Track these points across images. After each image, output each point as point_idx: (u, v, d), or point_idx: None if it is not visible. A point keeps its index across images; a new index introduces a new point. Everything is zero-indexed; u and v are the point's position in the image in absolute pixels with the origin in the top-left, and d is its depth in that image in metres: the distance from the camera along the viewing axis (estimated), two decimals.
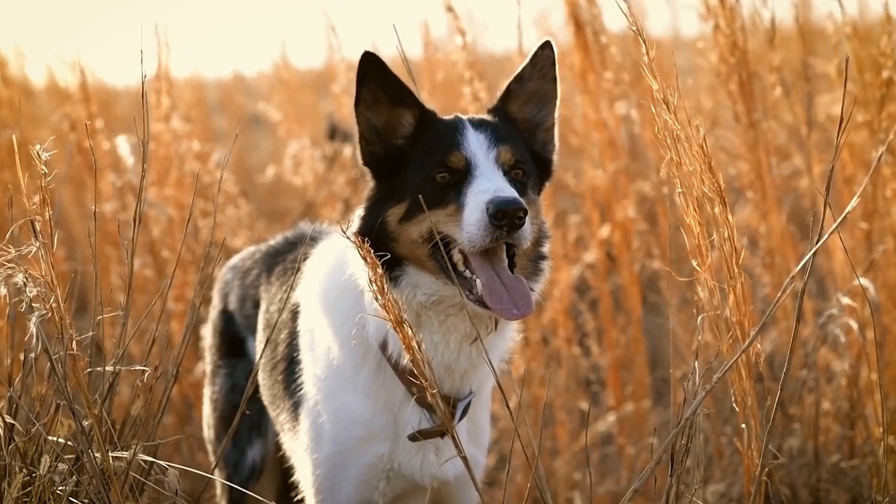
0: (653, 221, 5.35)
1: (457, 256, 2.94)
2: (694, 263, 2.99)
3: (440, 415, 2.85)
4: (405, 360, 2.88)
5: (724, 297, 3.02)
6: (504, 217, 2.79)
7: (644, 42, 2.88)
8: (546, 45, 3.18)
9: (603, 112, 5.03)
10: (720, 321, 3.03)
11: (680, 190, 2.96)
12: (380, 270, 2.74)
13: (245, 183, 8.68)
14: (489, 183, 2.89)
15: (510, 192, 2.85)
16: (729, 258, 2.97)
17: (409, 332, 2.75)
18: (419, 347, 2.77)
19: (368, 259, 2.73)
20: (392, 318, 2.74)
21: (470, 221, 2.83)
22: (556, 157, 3.28)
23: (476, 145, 2.99)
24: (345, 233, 2.77)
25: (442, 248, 2.88)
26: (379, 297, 2.74)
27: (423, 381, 2.77)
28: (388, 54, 3.28)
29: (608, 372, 5.22)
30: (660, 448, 2.88)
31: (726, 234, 2.95)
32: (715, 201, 2.95)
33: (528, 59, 3.21)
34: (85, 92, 5.46)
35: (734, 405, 3.07)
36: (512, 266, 2.97)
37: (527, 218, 2.84)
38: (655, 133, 2.95)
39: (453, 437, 2.85)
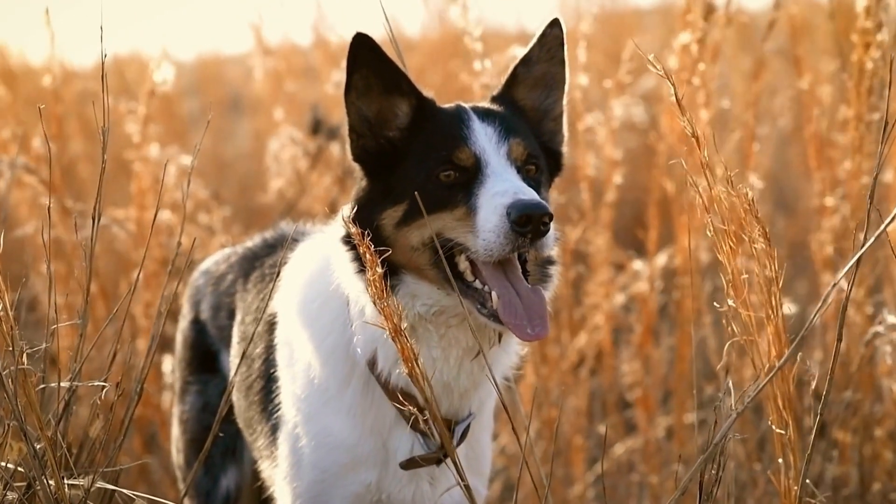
0: None
1: (463, 265, 2.94)
2: (729, 302, 2.97)
3: (441, 439, 2.85)
4: (401, 373, 2.85)
5: (760, 325, 3.00)
6: (528, 223, 2.78)
7: (674, 86, 2.87)
8: (554, 24, 3.19)
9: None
10: (755, 351, 3.03)
11: (710, 233, 2.94)
12: (380, 270, 2.72)
13: (219, 179, 8.67)
14: (506, 183, 2.88)
15: (531, 193, 2.84)
16: (768, 293, 2.94)
17: (408, 343, 2.75)
18: (416, 361, 2.77)
19: (368, 256, 2.71)
20: (390, 326, 2.73)
21: (486, 227, 2.82)
22: (566, 149, 3.30)
23: (485, 139, 2.99)
24: (346, 221, 2.74)
25: (428, 255, 2.88)
26: (377, 301, 2.72)
27: (422, 399, 2.77)
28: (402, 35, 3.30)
29: (640, 390, 5.22)
30: (685, 477, 2.88)
31: (768, 271, 2.92)
32: (757, 240, 2.91)
33: (535, 40, 3.21)
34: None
35: (771, 425, 3.07)
36: (525, 275, 2.98)
37: (551, 223, 2.84)
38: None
39: (455, 464, 2.85)
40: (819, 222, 4.91)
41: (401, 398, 2.96)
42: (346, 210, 3.13)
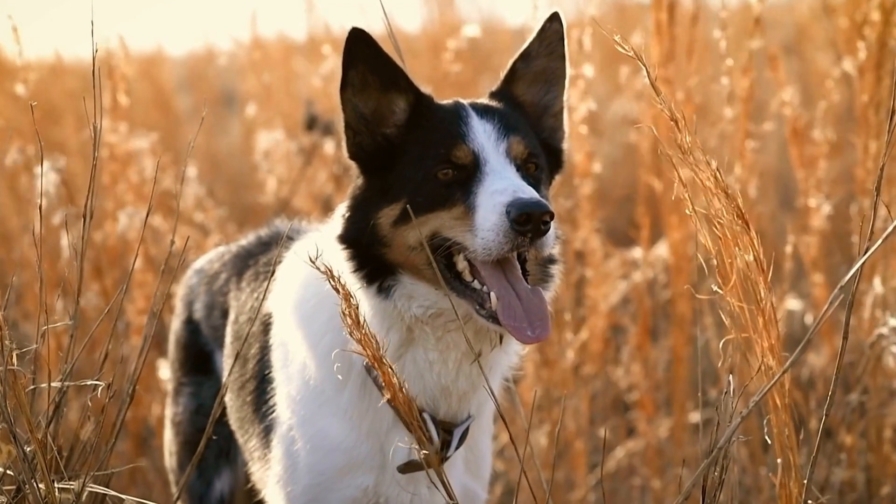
0: None
1: (462, 265, 2.95)
2: (714, 287, 2.96)
3: (430, 456, 2.85)
4: (399, 374, 2.87)
5: (751, 318, 2.98)
6: (528, 222, 2.78)
7: (645, 65, 2.87)
8: (554, 18, 3.19)
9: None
10: (748, 346, 3.02)
11: (690, 211, 2.91)
12: (354, 302, 2.73)
13: (212, 175, 8.66)
14: (505, 181, 2.88)
15: (531, 192, 2.85)
16: (754, 283, 2.91)
17: (390, 370, 2.76)
18: (401, 387, 2.77)
19: (341, 290, 2.72)
20: (369, 353, 2.74)
21: (485, 226, 2.82)
22: (566, 146, 3.30)
23: (483, 136, 2.99)
24: (314, 263, 2.75)
25: (428, 254, 2.88)
26: (353, 333, 2.74)
27: (411, 427, 2.78)
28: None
29: (641, 393, 5.23)
30: (688, 481, 2.88)
31: (751, 257, 2.90)
32: (733, 221, 2.88)
33: (534, 34, 3.22)
34: None
35: (766, 437, 3.07)
36: (525, 274, 2.98)
37: (551, 222, 2.84)
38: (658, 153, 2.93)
39: (443, 481, 2.85)
40: (805, 223, 4.93)
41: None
42: (343, 208, 3.14)
